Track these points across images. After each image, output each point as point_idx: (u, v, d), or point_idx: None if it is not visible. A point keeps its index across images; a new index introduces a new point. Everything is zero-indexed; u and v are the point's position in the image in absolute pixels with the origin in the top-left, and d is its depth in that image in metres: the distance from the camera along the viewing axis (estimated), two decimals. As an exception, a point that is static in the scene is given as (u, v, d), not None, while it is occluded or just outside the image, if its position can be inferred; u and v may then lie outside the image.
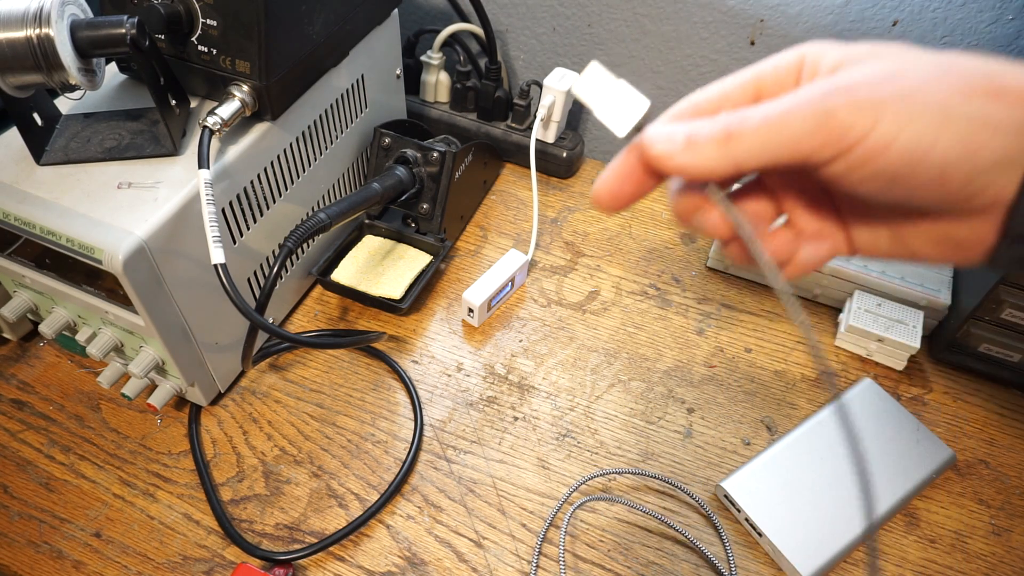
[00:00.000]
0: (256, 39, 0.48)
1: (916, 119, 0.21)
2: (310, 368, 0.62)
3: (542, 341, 0.64)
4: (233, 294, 0.46)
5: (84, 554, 0.50)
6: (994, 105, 0.21)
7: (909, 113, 0.21)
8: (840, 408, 0.26)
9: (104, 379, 0.54)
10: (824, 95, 0.22)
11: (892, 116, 0.21)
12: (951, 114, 0.21)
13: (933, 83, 0.21)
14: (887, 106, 0.21)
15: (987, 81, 0.21)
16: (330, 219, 0.53)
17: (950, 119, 0.21)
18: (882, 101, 0.21)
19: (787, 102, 0.22)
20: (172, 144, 0.49)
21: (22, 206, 0.45)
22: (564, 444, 0.57)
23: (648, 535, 0.52)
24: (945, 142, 0.21)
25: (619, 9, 0.75)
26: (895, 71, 0.22)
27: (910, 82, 0.21)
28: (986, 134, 0.21)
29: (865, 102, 0.21)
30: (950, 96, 0.21)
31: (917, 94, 0.21)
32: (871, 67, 0.22)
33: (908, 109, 0.21)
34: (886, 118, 0.21)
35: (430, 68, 0.79)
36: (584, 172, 0.81)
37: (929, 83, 0.21)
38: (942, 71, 0.21)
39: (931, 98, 0.21)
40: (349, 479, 0.55)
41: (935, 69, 0.21)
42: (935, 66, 0.22)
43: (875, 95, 0.21)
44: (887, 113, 0.21)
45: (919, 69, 0.22)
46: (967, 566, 0.52)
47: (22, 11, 0.41)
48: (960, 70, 0.21)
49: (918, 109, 0.21)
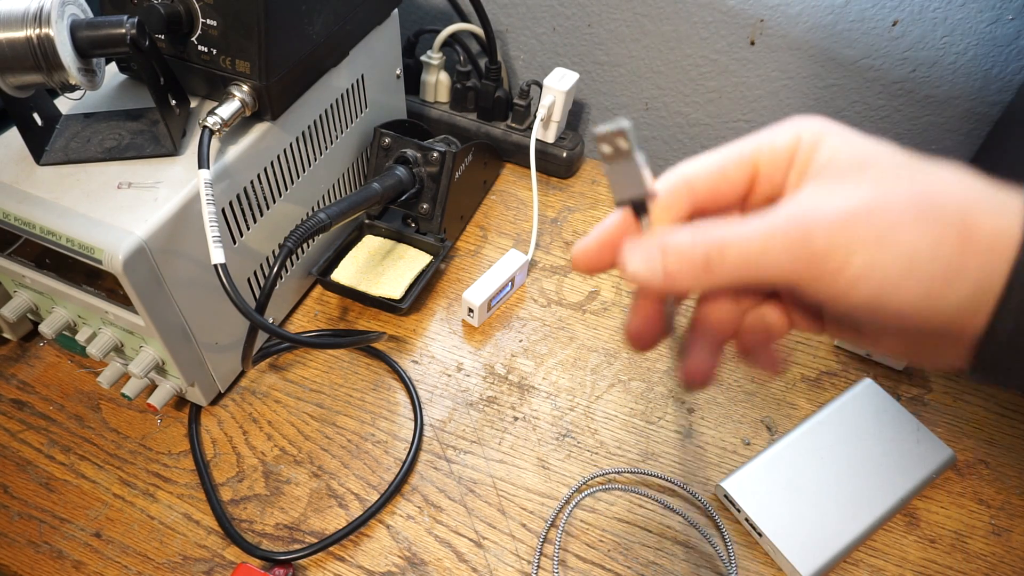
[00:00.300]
0: (256, 39, 0.48)
1: (884, 264, 0.22)
2: (310, 368, 0.62)
3: (542, 341, 0.64)
4: (233, 294, 0.46)
5: (84, 554, 0.50)
6: (962, 255, 0.21)
7: (878, 257, 0.22)
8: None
9: (104, 379, 0.54)
10: (803, 227, 0.22)
11: (862, 258, 0.22)
12: (917, 262, 0.21)
13: (906, 227, 0.21)
14: (859, 247, 0.22)
15: (960, 225, 0.21)
16: (330, 219, 0.53)
17: (915, 268, 0.21)
18: (855, 240, 0.22)
19: (767, 227, 0.23)
20: (172, 144, 0.49)
21: (22, 206, 0.45)
22: (564, 444, 0.57)
23: (648, 535, 0.52)
24: (908, 290, 0.22)
25: (619, 9, 0.75)
26: (872, 207, 0.22)
27: (884, 222, 0.22)
28: (949, 284, 0.21)
29: (840, 239, 0.22)
30: (920, 242, 0.21)
31: (888, 237, 0.21)
32: (852, 195, 0.22)
33: (878, 253, 0.22)
34: (856, 259, 0.22)
35: (430, 68, 0.79)
36: (584, 172, 0.81)
37: (902, 225, 0.21)
38: (919, 211, 0.22)
39: (901, 244, 0.21)
40: (349, 479, 0.55)
41: (912, 208, 0.22)
42: (913, 204, 0.22)
43: (849, 234, 0.22)
44: (858, 254, 0.22)
45: (897, 205, 0.22)
46: (967, 566, 0.52)
47: (22, 11, 0.41)
48: (937, 212, 0.21)
49: (887, 256, 0.22)
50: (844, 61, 0.70)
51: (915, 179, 0.22)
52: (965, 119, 0.70)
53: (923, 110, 0.71)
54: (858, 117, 0.73)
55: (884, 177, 0.22)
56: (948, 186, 0.22)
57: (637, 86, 0.80)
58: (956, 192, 0.22)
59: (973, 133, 0.70)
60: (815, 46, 0.70)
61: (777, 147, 0.24)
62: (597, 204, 0.77)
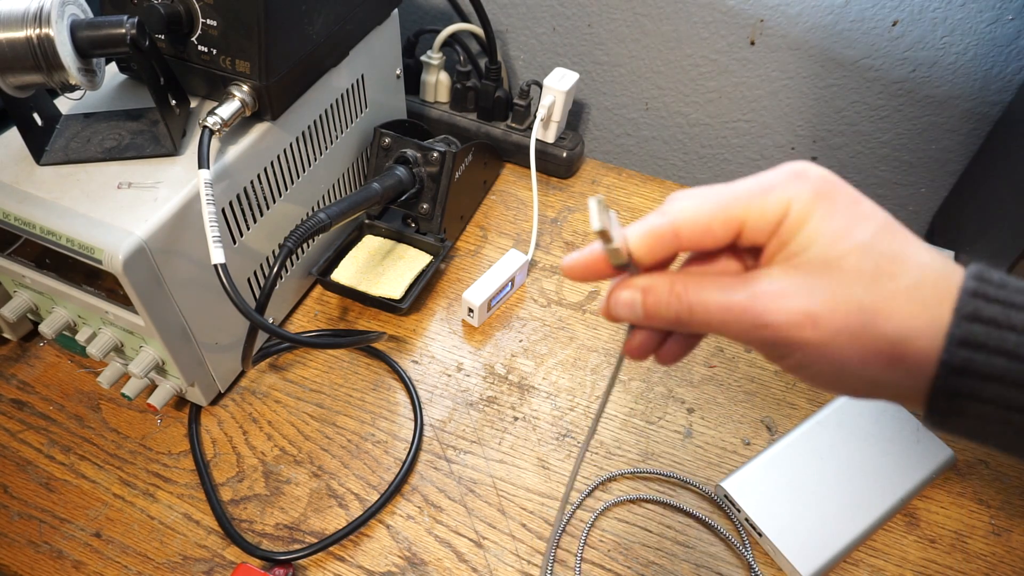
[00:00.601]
0: (256, 39, 0.48)
1: (819, 367, 0.26)
2: (310, 368, 0.62)
3: (542, 341, 0.64)
4: (233, 294, 0.46)
5: (84, 554, 0.50)
6: (888, 373, 0.25)
7: (814, 360, 0.25)
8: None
9: (104, 379, 0.54)
10: (758, 316, 0.26)
11: (801, 357, 0.26)
12: (846, 372, 0.25)
13: (843, 342, 0.25)
14: (799, 347, 0.25)
15: (891, 351, 0.24)
16: (330, 219, 0.53)
17: (844, 375, 0.25)
18: (798, 341, 0.25)
19: (728, 305, 0.26)
20: (172, 144, 0.49)
21: (22, 206, 0.45)
22: (564, 444, 0.57)
23: (648, 535, 0.52)
24: (840, 388, 0.26)
25: (619, 9, 0.75)
26: (821, 315, 0.25)
27: (826, 332, 0.25)
28: (876, 389, 0.26)
29: (785, 336, 0.25)
30: (852, 358, 0.25)
31: (826, 346, 0.25)
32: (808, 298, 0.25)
33: (815, 356, 0.25)
34: (797, 355, 0.26)
35: (430, 68, 0.79)
36: (584, 172, 0.81)
37: (840, 339, 0.25)
38: (857, 330, 0.24)
39: (835, 355, 0.25)
40: (349, 479, 0.55)
41: (852, 326, 0.24)
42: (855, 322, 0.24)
43: (794, 334, 0.25)
44: (798, 353, 0.26)
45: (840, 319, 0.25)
46: (967, 566, 0.52)
47: (22, 11, 0.41)
48: (872, 336, 0.24)
49: (822, 362, 0.25)
50: (844, 61, 0.70)
51: (869, 292, 0.24)
52: (965, 119, 0.70)
53: (923, 110, 0.71)
54: (858, 117, 0.73)
55: (842, 285, 0.25)
56: (894, 307, 0.24)
57: (637, 86, 0.80)
58: (897, 318, 0.24)
59: (973, 133, 0.70)
60: (815, 46, 0.70)
61: (767, 214, 0.26)
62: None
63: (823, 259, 0.25)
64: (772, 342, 0.26)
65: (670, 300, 0.27)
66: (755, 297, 0.26)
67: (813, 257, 0.25)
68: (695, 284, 0.27)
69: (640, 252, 0.28)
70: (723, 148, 0.82)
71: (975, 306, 0.23)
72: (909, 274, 0.24)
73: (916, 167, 0.75)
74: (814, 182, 0.26)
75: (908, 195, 0.78)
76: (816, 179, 0.26)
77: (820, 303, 0.25)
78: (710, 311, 0.27)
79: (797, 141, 0.78)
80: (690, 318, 0.27)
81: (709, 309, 0.27)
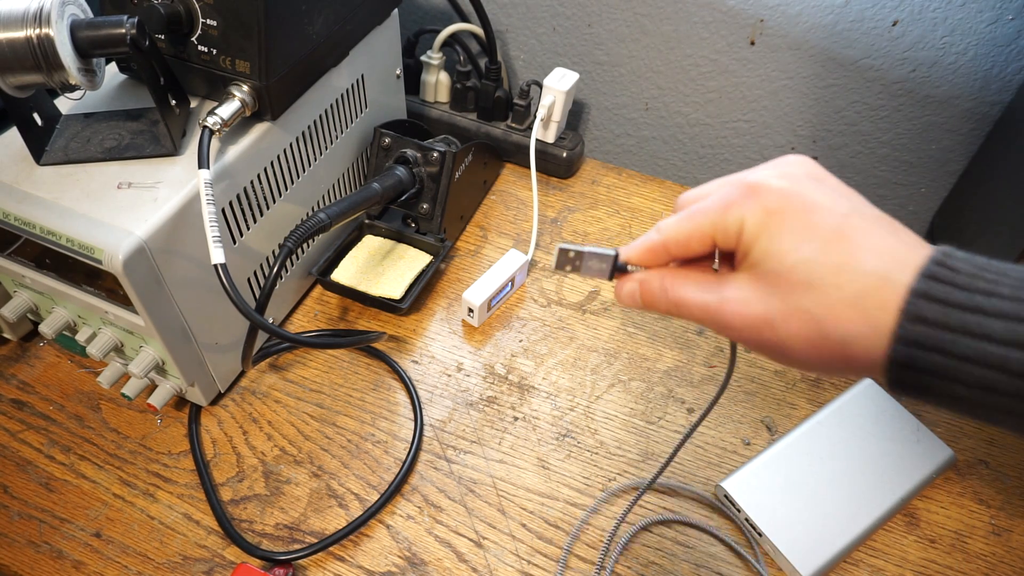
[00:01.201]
0: (256, 39, 0.48)
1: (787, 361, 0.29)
2: (310, 368, 0.62)
3: (542, 341, 0.64)
4: (233, 294, 0.46)
5: (84, 554, 0.50)
6: (846, 367, 0.28)
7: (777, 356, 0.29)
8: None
9: (104, 379, 0.54)
10: (725, 319, 0.30)
11: (767, 353, 0.30)
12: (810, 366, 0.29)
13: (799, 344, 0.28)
14: (759, 347, 0.29)
15: (842, 352, 0.27)
16: (330, 219, 0.53)
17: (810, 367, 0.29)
18: (759, 339, 0.29)
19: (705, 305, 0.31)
20: (172, 144, 0.49)
21: (22, 206, 0.45)
22: (564, 444, 0.57)
23: (648, 535, 0.52)
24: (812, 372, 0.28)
25: (619, 9, 0.75)
26: (777, 320, 0.28)
27: (783, 334, 0.28)
28: (843, 374, 0.29)
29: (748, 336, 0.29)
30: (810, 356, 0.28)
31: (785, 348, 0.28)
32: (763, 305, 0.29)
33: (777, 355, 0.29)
34: (764, 351, 0.30)
35: (430, 68, 0.79)
36: (584, 172, 0.81)
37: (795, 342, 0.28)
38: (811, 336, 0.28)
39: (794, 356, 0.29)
40: (349, 479, 0.55)
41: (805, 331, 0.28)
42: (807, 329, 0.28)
43: (755, 334, 0.29)
44: (761, 350, 0.30)
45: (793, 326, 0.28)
46: (967, 566, 0.52)
47: (22, 11, 0.41)
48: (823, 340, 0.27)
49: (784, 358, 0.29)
50: (844, 61, 0.70)
51: (816, 302, 0.27)
52: (965, 119, 0.70)
53: (923, 110, 0.71)
54: (858, 117, 0.73)
55: (792, 295, 0.28)
56: (839, 315, 0.27)
57: (637, 86, 0.80)
58: (843, 324, 0.27)
59: (973, 133, 0.70)
60: (815, 46, 0.70)
61: (728, 230, 0.30)
62: (597, 204, 0.77)
63: (776, 272, 0.28)
64: (739, 340, 0.30)
65: (659, 295, 0.32)
66: (723, 302, 0.30)
67: (768, 270, 0.28)
68: (680, 283, 0.32)
69: (641, 262, 0.33)
70: (723, 148, 0.82)
71: (918, 307, 0.25)
72: (853, 284, 0.27)
73: (916, 167, 0.75)
74: (764, 200, 0.29)
75: (908, 195, 0.78)
76: (766, 196, 0.29)
77: (775, 312, 0.28)
78: (690, 308, 0.31)
79: (797, 141, 0.78)
80: (677, 311, 0.32)
81: (689, 306, 0.31)
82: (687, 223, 0.31)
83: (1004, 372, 0.24)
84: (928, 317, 0.25)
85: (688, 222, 0.31)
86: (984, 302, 0.25)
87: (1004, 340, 0.24)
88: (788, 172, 0.30)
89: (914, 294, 0.25)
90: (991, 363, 0.24)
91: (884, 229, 0.28)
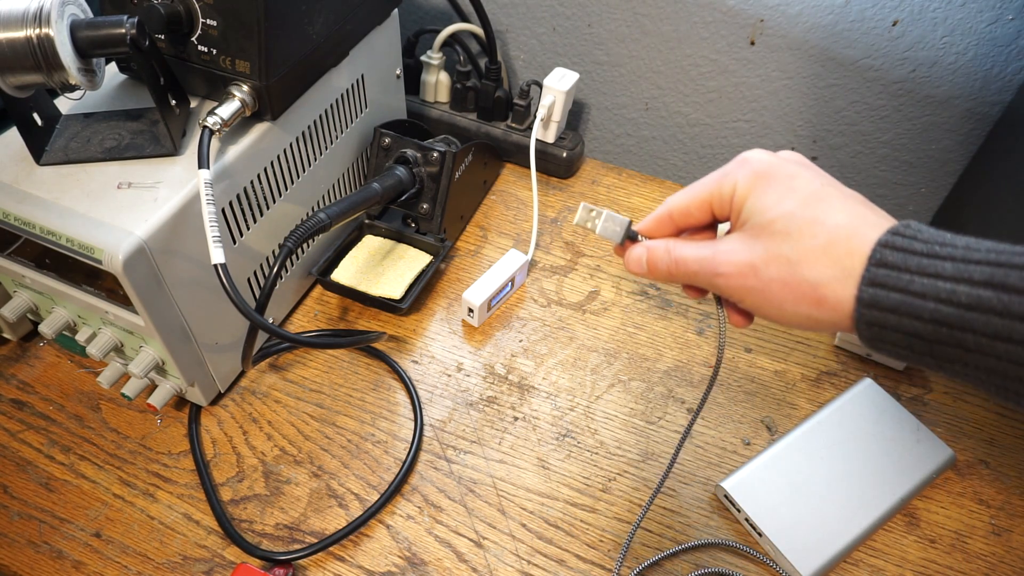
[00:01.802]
0: (256, 39, 0.48)
1: (765, 307, 0.33)
2: (310, 368, 0.62)
3: (542, 341, 0.64)
4: (233, 294, 0.46)
5: (84, 554, 0.50)
6: (816, 310, 0.31)
7: (759, 302, 0.33)
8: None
9: (104, 379, 0.54)
10: (716, 269, 0.34)
11: (750, 301, 0.34)
12: (786, 310, 0.33)
13: (777, 288, 0.32)
14: (746, 293, 0.34)
15: (813, 294, 0.31)
16: (330, 219, 0.53)
17: (785, 312, 0.33)
18: (744, 287, 0.33)
19: (700, 260, 0.35)
20: (172, 144, 0.49)
21: (22, 206, 0.45)
22: (564, 444, 0.57)
23: (648, 535, 0.52)
24: (786, 321, 0.33)
25: (619, 9, 0.75)
26: (759, 266, 0.32)
27: (764, 280, 0.32)
28: (813, 323, 0.32)
29: (735, 284, 0.34)
30: (786, 300, 0.32)
31: (766, 291, 0.33)
32: (748, 252, 0.33)
33: (759, 299, 0.33)
34: (747, 300, 0.34)
35: (430, 68, 0.79)
36: (584, 172, 0.81)
37: (774, 285, 0.32)
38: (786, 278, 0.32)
39: (774, 298, 0.32)
40: (349, 479, 0.55)
41: (782, 275, 0.32)
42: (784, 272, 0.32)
43: (741, 282, 0.33)
44: (747, 298, 0.34)
45: (773, 270, 0.32)
46: (967, 566, 0.52)
47: (22, 11, 0.41)
48: (797, 282, 0.31)
49: (766, 303, 0.33)
50: (844, 61, 0.70)
51: (793, 248, 0.31)
52: (965, 119, 0.70)
53: (923, 110, 0.71)
54: (858, 117, 0.73)
55: (773, 243, 0.32)
56: (812, 260, 0.31)
57: (637, 86, 0.80)
58: (815, 268, 0.31)
59: (973, 133, 0.70)
60: (815, 46, 0.70)
61: (723, 195, 0.35)
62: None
63: (760, 224, 0.33)
64: (728, 289, 0.34)
65: (663, 256, 0.37)
66: (716, 253, 0.34)
67: (755, 224, 0.33)
68: (682, 245, 0.36)
69: (650, 231, 0.38)
70: (723, 148, 0.82)
71: (882, 254, 0.29)
72: (826, 234, 0.31)
73: (916, 167, 0.75)
74: (754, 165, 0.34)
75: (908, 195, 0.78)
76: (755, 162, 0.34)
77: (758, 257, 0.33)
78: (688, 264, 0.35)
79: (797, 141, 0.78)
80: (677, 269, 0.36)
81: (687, 262, 0.35)
82: (687, 193, 0.36)
83: (952, 304, 0.28)
84: (890, 262, 0.29)
85: (688, 192, 0.36)
86: (939, 250, 0.29)
87: (952, 277, 0.28)
88: (778, 154, 0.35)
89: (879, 244, 0.29)
90: (941, 298, 0.28)
91: (857, 200, 0.32)
